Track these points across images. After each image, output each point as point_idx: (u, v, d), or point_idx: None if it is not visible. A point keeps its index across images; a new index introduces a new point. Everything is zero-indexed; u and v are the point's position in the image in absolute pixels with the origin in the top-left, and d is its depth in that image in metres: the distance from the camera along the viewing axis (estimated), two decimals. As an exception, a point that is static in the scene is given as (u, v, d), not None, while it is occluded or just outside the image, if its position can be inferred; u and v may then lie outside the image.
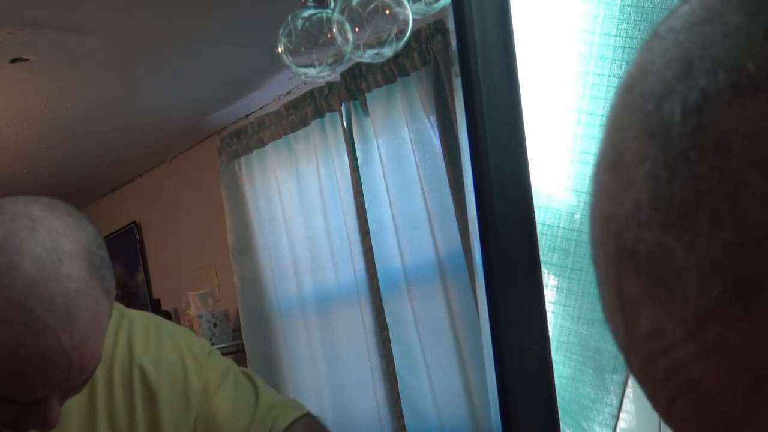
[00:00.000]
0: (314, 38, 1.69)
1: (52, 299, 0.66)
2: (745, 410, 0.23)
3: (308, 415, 0.96)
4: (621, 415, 0.92)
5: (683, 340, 0.24)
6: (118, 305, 0.85)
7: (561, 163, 0.90)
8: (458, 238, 2.29)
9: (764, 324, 0.22)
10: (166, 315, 3.55)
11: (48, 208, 0.71)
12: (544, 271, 0.90)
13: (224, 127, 3.25)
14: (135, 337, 0.89)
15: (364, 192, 2.62)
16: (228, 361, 0.97)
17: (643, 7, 0.87)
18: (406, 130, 2.48)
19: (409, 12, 1.68)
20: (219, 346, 3.03)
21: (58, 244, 0.67)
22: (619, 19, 0.87)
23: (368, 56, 1.77)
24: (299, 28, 1.70)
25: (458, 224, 2.28)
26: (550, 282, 0.92)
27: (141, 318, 0.93)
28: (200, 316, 3.30)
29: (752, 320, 0.22)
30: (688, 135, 0.23)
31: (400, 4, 1.67)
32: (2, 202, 0.70)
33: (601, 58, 0.88)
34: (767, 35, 0.22)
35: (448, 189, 2.32)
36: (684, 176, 0.23)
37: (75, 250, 0.68)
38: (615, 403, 0.92)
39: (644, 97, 0.25)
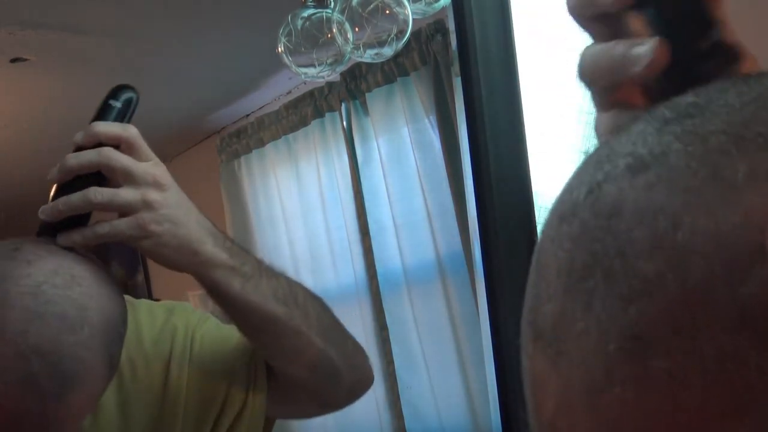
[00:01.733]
0: (314, 38, 1.70)
1: (58, 364, 0.64)
2: None
3: None
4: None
5: (584, 412, 0.25)
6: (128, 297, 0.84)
7: (561, 163, 0.90)
8: (458, 238, 2.29)
9: (661, 383, 0.23)
10: (166, 315, 3.53)
11: (92, 271, 0.70)
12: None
13: (224, 127, 3.25)
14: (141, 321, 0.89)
15: (364, 192, 2.62)
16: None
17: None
18: (406, 129, 2.47)
19: (409, 12, 1.68)
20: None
21: (87, 311, 0.66)
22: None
23: (368, 56, 1.77)
24: (299, 27, 1.70)
25: (458, 224, 2.28)
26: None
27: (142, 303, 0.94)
28: (200, 316, 3.29)
29: (650, 377, 0.23)
30: (588, 207, 0.26)
31: (400, 4, 1.67)
32: (51, 251, 0.70)
33: (601, 57, 0.87)
34: (658, 130, 0.26)
35: (448, 189, 2.32)
36: (583, 243, 0.26)
37: (100, 323, 0.67)
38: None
39: (559, 201, 0.29)
